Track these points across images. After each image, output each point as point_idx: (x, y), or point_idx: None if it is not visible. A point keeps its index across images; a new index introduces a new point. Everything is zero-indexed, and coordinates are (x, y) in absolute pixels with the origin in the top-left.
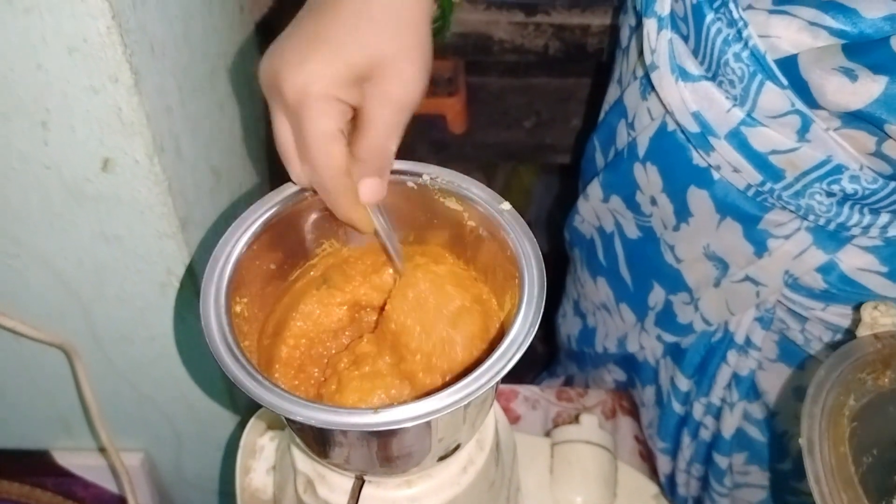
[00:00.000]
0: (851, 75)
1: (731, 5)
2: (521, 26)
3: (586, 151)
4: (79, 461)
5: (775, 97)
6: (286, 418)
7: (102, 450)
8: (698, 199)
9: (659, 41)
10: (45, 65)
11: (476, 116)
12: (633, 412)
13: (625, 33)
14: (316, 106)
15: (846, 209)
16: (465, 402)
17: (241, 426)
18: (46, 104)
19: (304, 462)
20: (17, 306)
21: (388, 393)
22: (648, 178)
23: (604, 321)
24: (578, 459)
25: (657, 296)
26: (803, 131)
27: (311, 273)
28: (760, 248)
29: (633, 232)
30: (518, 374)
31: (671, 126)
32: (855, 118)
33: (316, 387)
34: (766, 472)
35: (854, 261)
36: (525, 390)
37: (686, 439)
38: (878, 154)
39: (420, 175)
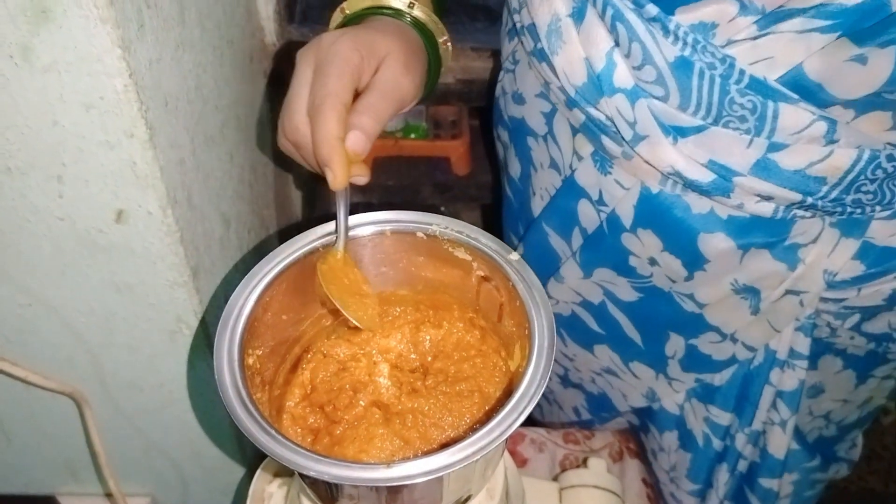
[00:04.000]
0: (862, 59)
1: (710, 48)
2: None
3: (531, 240)
4: None
5: (793, 113)
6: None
7: (109, 495)
8: (713, 242)
9: (637, 112)
10: (62, 121)
11: (479, 159)
12: (640, 455)
13: (538, 120)
14: (342, 54)
15: (886, 189)
16: (477, 457)
17: (249, 473)
18: (62, 159)
19: None
20: (27, 355)
21: (386, 444)
22: (643, 243)
23: (611, 384)
24: None
25: (675, 344)
26: (830, 133)
27: (322, 322)
28: (793, 261)
29: (629, 295)
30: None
31: (655, 188)
32: (867, 105)
33: (322, 436)
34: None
35: (884, 232)
36: (531, 433)
37: (723, 476)
38: None
39: (430, 225)
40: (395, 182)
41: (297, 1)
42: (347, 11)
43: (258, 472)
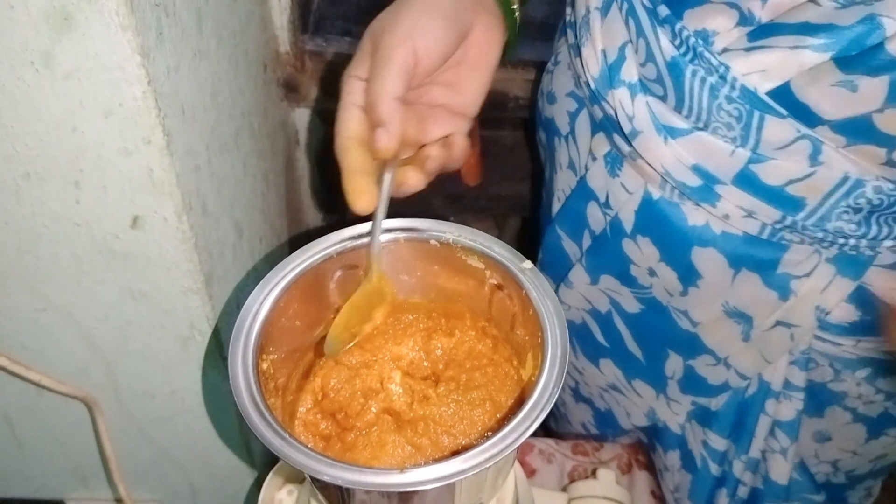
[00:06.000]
0: (850, 86)
1: (707, 54)
2: (536, 84)
3: (547, 243)
4: None
5: (779, 128)
6: (311, 476)
7: (118, 501)
8: (705, 258)
9: (636, 107)
10: (81, 128)
11: (490, 169)
12: (649, 467)
13: (563, 120)
14: (405, 47)
15: (874, 224)
16: (490, 464)
17: (257, 482)
18: (80, 165)
19: None
20: (41, 359)
21: (398, 451)
22: (642, 251)
23: (616, 401)
24: None
25: (674, 363)
26: (815, 154)
27: None
28: (784, 291)
29: (633, 306)
30: None
31: (656, 194)
32: (859, 135)
33: (333, 443)
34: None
35: (883, 282)
36: (540, 443)
37: (724, 501)
38: (890, 163)
39: (443, 233)
40: None
41: (311, 11)
42: None
43: (268, 478)
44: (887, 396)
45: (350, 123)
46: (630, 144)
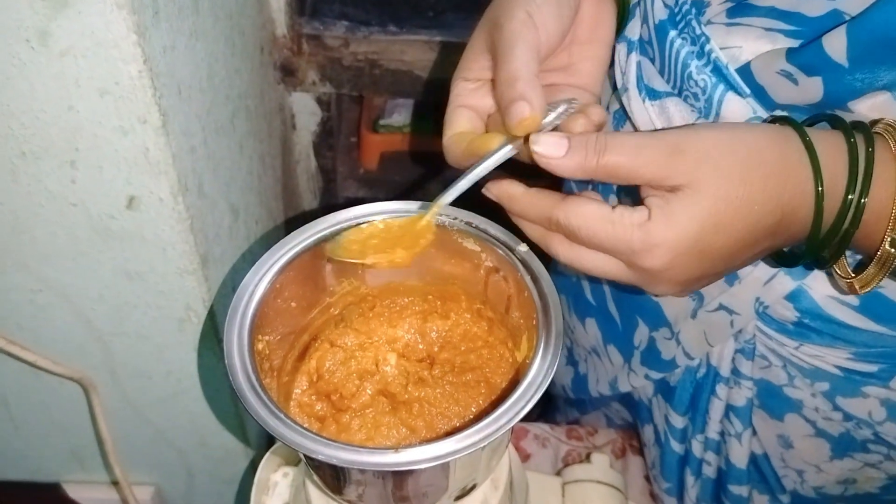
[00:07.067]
0: (791, 79)
1: (694, 22)
2: None
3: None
4: (90, 494)
5: (737, 105)
6: (306, 456)
7: (114, 483)
8: None
9: (628, 64)
10: (77, 106)
11: None
12: (643, 452)
13: None
14: (530, 27)
15: None
16: (484, 444)
17: (253, 463)
18: (76, 144)
19: (319, 499)
20: (37, 340)
21: (392, 432)
22: None
23: (594, 366)
24: (590, 499)
25: (641, 333)
26: None
27: (331, 311)
28: (730, 275)
29: None
30: None
31: None
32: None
33: (328, 424)
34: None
35: (823, 288)
36: (535, 428)
37: (690, 479)
38: None
39: (439, 216)
40: (401, 177)
41: None
42: None
43: (264, 460)
44: (846, 417)
45: (458, 122)
46: (620, 101)
